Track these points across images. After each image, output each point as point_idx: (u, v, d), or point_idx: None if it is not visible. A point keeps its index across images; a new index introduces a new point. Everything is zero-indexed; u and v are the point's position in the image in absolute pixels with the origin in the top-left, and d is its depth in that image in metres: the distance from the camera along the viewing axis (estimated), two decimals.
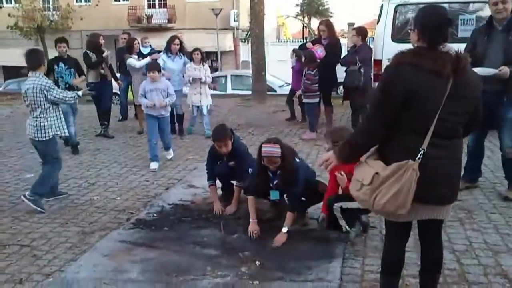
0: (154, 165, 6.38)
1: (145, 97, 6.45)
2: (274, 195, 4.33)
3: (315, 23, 46.49)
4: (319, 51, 7.88)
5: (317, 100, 7.94)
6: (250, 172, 4.40)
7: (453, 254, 3.74)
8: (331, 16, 46.12)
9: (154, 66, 6.61)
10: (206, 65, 8.33)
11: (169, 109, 6.73)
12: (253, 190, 4.33)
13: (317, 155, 6.97)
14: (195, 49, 8.11)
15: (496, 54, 4.63)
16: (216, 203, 4.76)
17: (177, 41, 8.31)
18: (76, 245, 4.14)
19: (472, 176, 5.23)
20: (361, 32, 7.92)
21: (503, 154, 4.92)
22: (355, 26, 27.83)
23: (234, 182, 4.84)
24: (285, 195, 4.33)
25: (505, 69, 4.50)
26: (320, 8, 49.35)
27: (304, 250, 3.88)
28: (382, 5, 8.42)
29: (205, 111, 8.22)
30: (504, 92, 4.63)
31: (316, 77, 7.70)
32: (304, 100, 8.03)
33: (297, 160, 4.35)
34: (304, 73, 7.81)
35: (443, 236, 4.01)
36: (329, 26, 8.31)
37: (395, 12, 8.08)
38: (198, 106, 8.18)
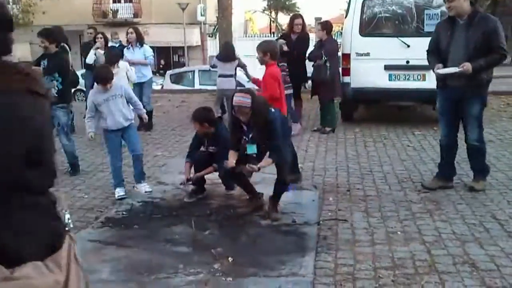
0: (121, 191, 5.08)
1: (96, 110, 5.06)
2: (250, 149, 4.26)
3: (282, 17, 46.70)
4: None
5: (291, 91, 7.89)
6: None
7: (424, 245, 3.79)
8: (298, 11, 46.30)
9: (102, 74, 5.04)
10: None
11: (133, 115, 5.34)
12: (233, 144, 4.39)
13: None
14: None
15: (459, 50, 4.68)
16: (185, 174, 4.87)
17: (130, 30, 8.22)
18: None
19: (447, 173, 5.12)
20: (326, 26, 7.96)
21: (468, 146, 4.99)
22: (322, 20, 28.09)
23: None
24: (268, 154, 4.31)
25: (467, 66, 4.52)
26: (287, 3, 49.52)
27: (277, 245, 3.88)
28: (350, 0, 8.48)
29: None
30: (467, 88, 4.66)
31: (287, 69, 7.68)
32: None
33: (272, 111, 4.28)
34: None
35: (413, 227, 4.11)
36: (303, 20, 8.30)
37: (362, 6, 8.15)
38: None
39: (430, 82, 6.83)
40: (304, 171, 5.93)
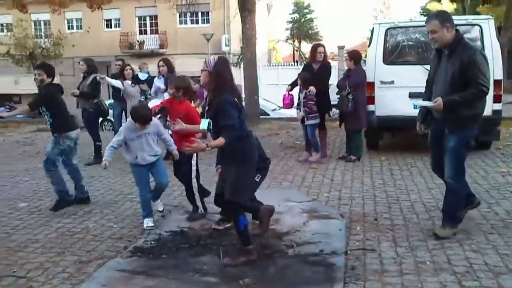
0: (150, 222, 5.13)
1: (126, 144, 5.10)
2: (203, 124, 4.12)
3: (305, 46, 47.06)
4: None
5: (318, 120, 7.95)
6: None
7: (454, 276, 3.72)
8: (321, 39, 46.68)
9: (143, 114, 5.02)
10: None
11: (160, 149, 5.38)
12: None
13: (313, 178, 6.98)
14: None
15: (439, 82, 4.48)
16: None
17: (161, 62, 8.44)
18: (73, 275, 4.08)
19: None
20: (354, 56, 7.99)
21: (446, 184, 4.65)
22: (345, 49, 28.15)
23: None
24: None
25: (438, 102, 4.27)
26: (309, 32, 50.00)
27: (304, 275, 3.86)
28: (373, 28, 8.55)
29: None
30: (447, 122, 4.43)
31: (315, 98, 7.76)
32: (308, 122, 7.95)
33: (233, 98, 4.00)
34: (304, 95, 7.82)
35: (442, 258, 4.05)
36: (325, 49, 8.38)
37: (386, 34, 8.21)
38: None
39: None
40: (330, 200, 5.93)
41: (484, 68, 4.26)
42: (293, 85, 8.32)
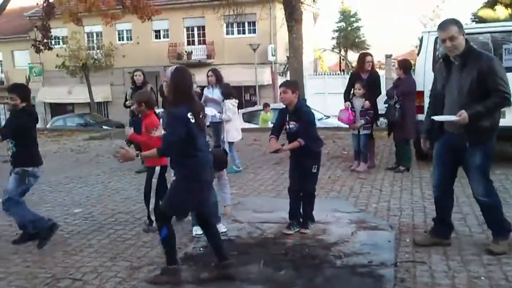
0: (199, 230, 4.98)
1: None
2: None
3: (351, 55, 46.69)
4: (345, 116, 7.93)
5: (368, 131, 7.95)
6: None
7: None
8: (368, 48, 46.21)
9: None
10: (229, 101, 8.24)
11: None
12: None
13: (361, 188, 6.91)
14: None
15: (453, 94, 4.25)
16: (274, 146, 5.07)
17: (209, 73, 8.58)
18: (125, 279, 4.20)
19: (440, 230, 4.65)
20: (404, 64, 7.87)
21: (477, 202, 4.47)
22: (392, 57, 27.67)
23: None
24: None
25: (463, 115, 4.01)
26: (356, 40, 49.57)
27: (353, 286, 3.85)
28: (422, 36, 8.42)
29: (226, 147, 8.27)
30: (467, 136, 4.18)
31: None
32: (364, 132, 7.91)
33: (184, 111, 3.87)
34: (363, 104, 7.82)
35: (498, 274, 3.92)
36: (373, 58, 8.32)
37: (435, 43, 8.05)
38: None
39: (510, 119, 6.58)
40: (379, 210, 5.86)
41: (504, 76, 4.07)
42: (346, 97, 8.21)
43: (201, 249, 4.75)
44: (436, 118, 4.34)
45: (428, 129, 4.60)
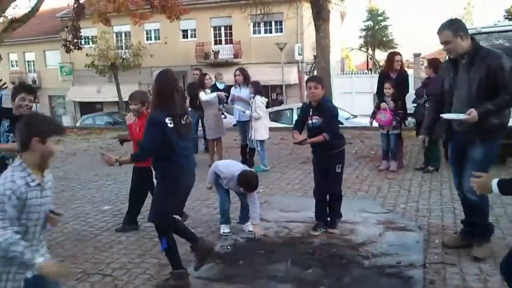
0: (227, 229, 5.29)
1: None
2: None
3: (379, 54, 46.22)
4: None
5: (398, 131, 7.89)
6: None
7: None
8: (396, 47, 45.65)
9: None
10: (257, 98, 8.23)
11: None
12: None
13: (389, 188, 6.84)
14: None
15: (461, 93, 4.17)
16: (298, 138, 5.01)
17: (237, 72, 8.60)
18: (154, 276, 4.25)
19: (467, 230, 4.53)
20: (434, 63, 7.72)
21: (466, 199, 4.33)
22: (421, 56, 27.24)
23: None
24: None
25: (473, 114, 3.93)
26: (384, 39, 49.04)
27: (381, 287, 3.81)
28: None
29: (254, 145, 8.31)
30: (473, 133, 4.09)
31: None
32: (394, 131, 7.86)
33: (161, 116, 3.89)
34: (395, 104, 7.77)
35: None
36: (402, 57, 8.23)
37: None
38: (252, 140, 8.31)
39: None
40: (407, 211, 5.79)
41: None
42: (380, 98, 8.12)
43: (229, 247, 4.77)
44: (445, 116, 4.29)
45: (429, 126, 4.60)
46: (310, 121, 5.02)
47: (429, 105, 4.64)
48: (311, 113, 5.01)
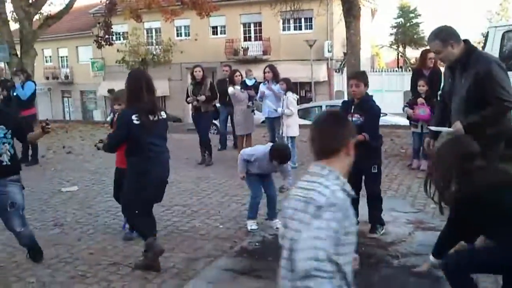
0: (254, 225, 5.30)
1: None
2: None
3: (410, 52, 45.56)
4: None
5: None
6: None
7: None
8: (427, 45, 44.85)
9: None
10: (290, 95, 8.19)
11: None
12: None
13: (419, 188, 6.74)
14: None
15: (455, 101, 3.99)
16: None
17: (267, 69, 8.59)
18: (182, 270, 4.30)
19: None
20: None
21: None
22: None
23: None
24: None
25: (457, 127, 3.79)
26: (415, 37, 48.29)
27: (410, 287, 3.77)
28: (488, 32, 8.12)
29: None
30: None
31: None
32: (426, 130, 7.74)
33: (129, 113, 4.22)
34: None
35: None
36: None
37: (502, 38, 7.75)
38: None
39: None
40: (438, 211, 5.68)
41: (503, 80, 3.71)
42: (415, 94, 8.00)
43: (257, 244, 4.78)
44: (433, 128, 4.25)
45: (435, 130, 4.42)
46: (350, 119, 4.94)
47: (436, 108, 4.49)
48: (352, 110, 4.89)
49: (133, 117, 4.08)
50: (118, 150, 4.50)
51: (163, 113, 4.34)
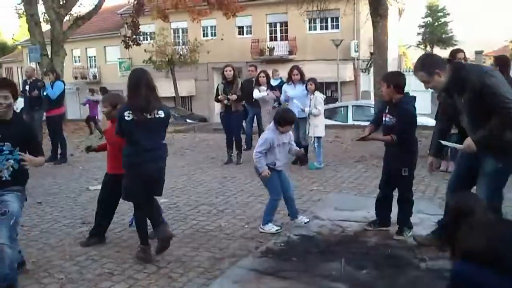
0: (276, 227, 5.26)
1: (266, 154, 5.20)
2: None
3: (437, 52, 44.83)
4: None
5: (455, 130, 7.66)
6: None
7: None
8: (456, 44, 44.11)
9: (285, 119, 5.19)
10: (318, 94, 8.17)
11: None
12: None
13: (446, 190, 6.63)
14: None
15: (463, 117, 3.96)
16: (365, 132, 5.11)
17: (295, 71, 8.54)
18: (208, 270, 4.31)
19: None
20: (500, 61, 7.25)
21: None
22: (484, 53, 26.20)
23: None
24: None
25: (468, 143, 3.82)
26: (443, 36, 47.54)
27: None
28: None
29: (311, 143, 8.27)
30: (487, 151, 3.85)
31: None
32: (453, 131, 7.58)
33: (124, 110, 4.46)
34: None
35: None
36: (465, 54, 7.95)
37: None
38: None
39: None
40: None
41: (500, 88, 3.66)
42: None
43: (282, 244, 4.78)
44: (444, 143, 4.24)
45: (437, 147, 4.41)
46: (384, 119, 4.93)
47: (437, 124, 4.45)
48: (387, 110, 4.90)
49: (126, 113, 4.33)
50: (118, 150, 4.65)
51: (161, 112, 4.45)
